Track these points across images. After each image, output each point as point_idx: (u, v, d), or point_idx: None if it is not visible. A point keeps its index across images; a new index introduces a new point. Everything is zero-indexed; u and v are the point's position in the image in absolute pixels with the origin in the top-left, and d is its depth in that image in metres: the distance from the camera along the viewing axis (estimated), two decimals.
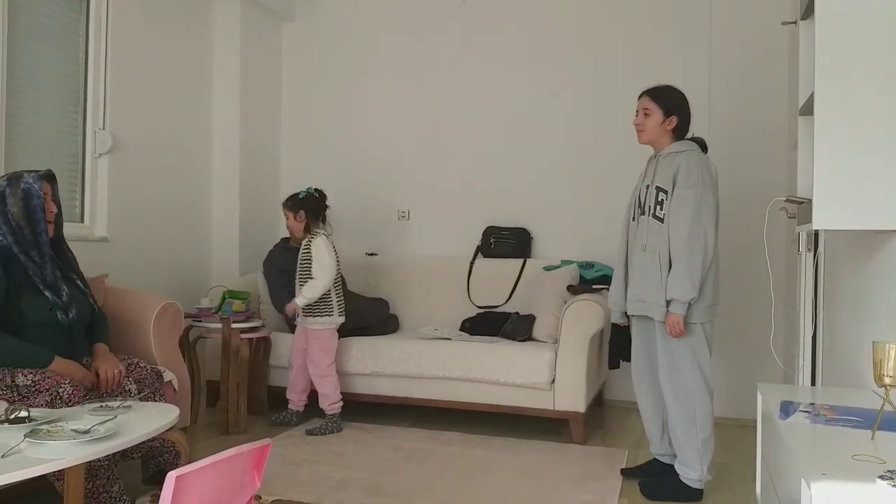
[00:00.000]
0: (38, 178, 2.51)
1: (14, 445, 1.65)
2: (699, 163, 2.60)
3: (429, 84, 4.70)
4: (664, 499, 2.69)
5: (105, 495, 2.23)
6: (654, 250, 2.64)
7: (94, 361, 2.49)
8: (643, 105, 2.74)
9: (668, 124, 2.71)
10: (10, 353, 2.30)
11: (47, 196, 2.52)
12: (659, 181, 2.66)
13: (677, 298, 2.53)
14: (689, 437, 2.66)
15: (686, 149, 2.67)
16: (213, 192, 4.59)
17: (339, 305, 3.65)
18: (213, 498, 1.52)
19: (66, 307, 2.48)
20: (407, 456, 3.19)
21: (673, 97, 2.73)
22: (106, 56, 3.77)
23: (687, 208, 2.54)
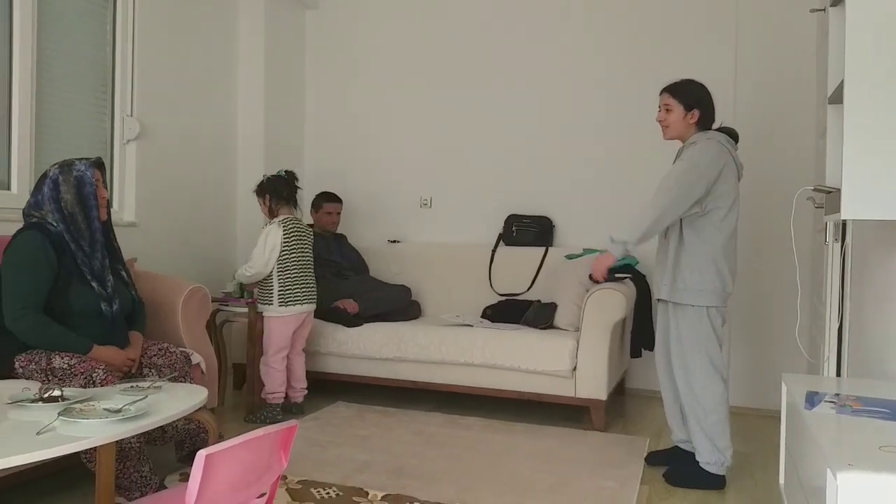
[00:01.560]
0: (89, 165, 2.53)
1: (48, 423, 1.69)
2: (703, 148, 2.64)
3: (452, 71, 4.69)
4: (687, 485, 2.70)
5: (136, 475, 2.29)
6: (665, 235, 2.78)
7: (129, 348, 2.55)
8: (664, 101, 2.76)
9: (691, 118, 2.72)
10: (53, 339, 2.35)
11: (99, 182, 2.54)
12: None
13: (616, 239, 2.62)
14: (699, 422, 2.68)
15: (703, 139, 2.68)
16: (238, 178, 4.64)
17: (283, 296, 3.47)
18: (242, 477, 1.56)
19: (111, 299, 2.52)
20: (428, 440, 3.23)
21: (693, 91, 2.73)
22: (133, 44, 3.81)
23: (670, 178, 2.62)
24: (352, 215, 4.86)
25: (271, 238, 3.45)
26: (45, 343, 2.35)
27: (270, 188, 3.55)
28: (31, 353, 2.37)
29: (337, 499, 2.45)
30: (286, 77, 4.86)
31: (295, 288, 3.51)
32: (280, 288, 3.48)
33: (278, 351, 3.50)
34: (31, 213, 2.49)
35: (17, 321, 2.32)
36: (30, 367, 2.35)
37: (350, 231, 4.73)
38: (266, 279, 3.49)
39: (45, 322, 2.34)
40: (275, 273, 3.48)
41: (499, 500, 2.49)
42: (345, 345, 3.85)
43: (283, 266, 3.48)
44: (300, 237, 3.55)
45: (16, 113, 3.17)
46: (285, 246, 3.47)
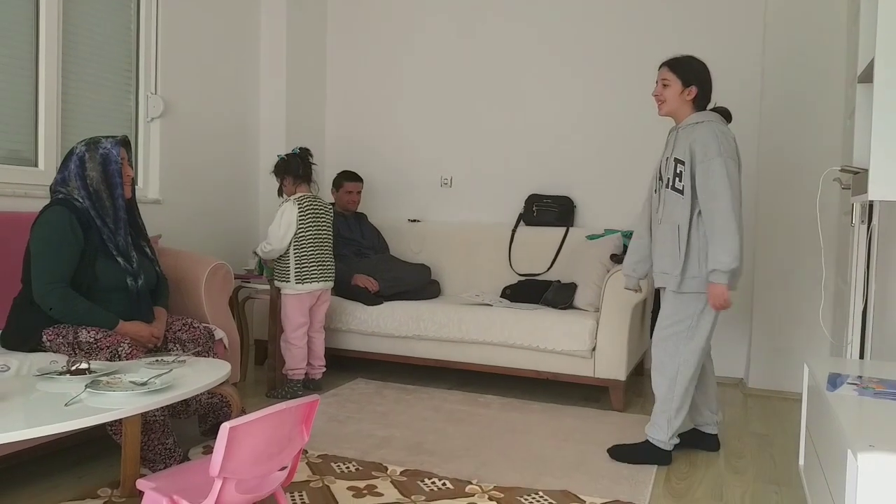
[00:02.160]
0: (115, 143, 2.55)
1: (75, 395, 1.73)
2: (719, 133, 2.55)
3: (473, 52, 4.65)
4: (634, 461, 2.72)
5: (160, 447, 2.34)
6: (673, 223, 2.62)
7: (154, 323, 2.60)
8: (662, 76, 2.69)
9: (688, 94, 2.65)
10: (81, 314, 2.39)
11: (125, 161, 2.57)
12: (678, 153, 2.62)
13: (719, 269, 2.48)
14: (666, 402, 2.69)
15: (705, 119, 2.61)
16: (260, 155, 4.66)
17: (299, 274, 3.49)
18: (264, 450, 1.59)
19: (136, 274, 2.55)
20: (447, 417, 3.25)
21: (692, 67, 2.67)
22: (157, 22, 3.83)
23: (717, 178, 2.49)
24: (372, 194, 4.87)
25: (286, 215, 3.48)
26: (73, 317, 2.39)
27: (286, 168, 3.56)
28: (57, 327, 2.41)
29: (356, 473, 2.49)
30: (308, 55, 4.86)
31: (311, 265, 3.53)
32: (297, 265, 3.50)
33: (297, 328, 3.54)
34: (58, 190, 2.52)
35: (45, 296, 2.36)
36: (57, 340, 2.39)
37: (371, 210, 4.75)
38: (283, 256, 3.52)
39: (72, 297, 2.39)
40: (291, 250, 3.50)
41: (517, 477, 2.51)
42: (365, 322, 3.88)
43: (300, 243, 3.51)
44: (317, 215, 3.56)
45: (42, 90, 3.21)
46: (301, 223, 3.49)
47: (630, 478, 2.56)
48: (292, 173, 3.55)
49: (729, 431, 3.20)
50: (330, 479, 2.42)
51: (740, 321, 4.12)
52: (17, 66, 3.12)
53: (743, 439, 3.10)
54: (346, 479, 2.44)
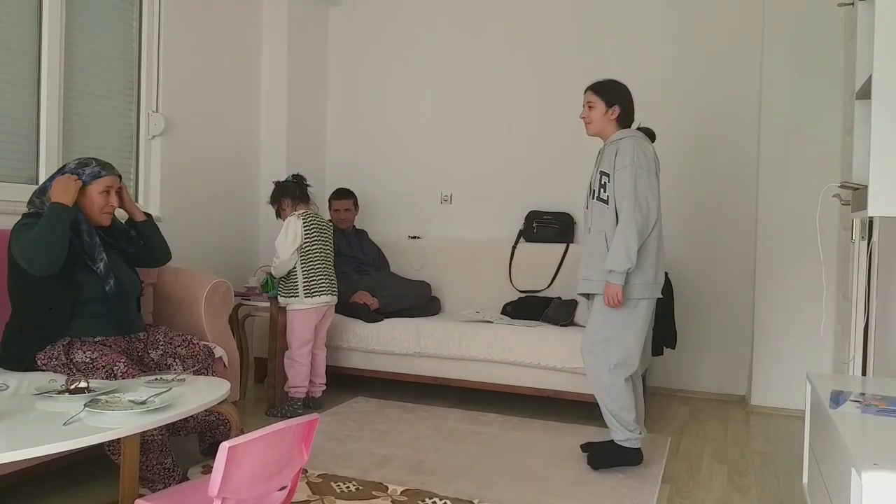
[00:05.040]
0: (104, 168, 2.56)
1: (75, 414, 1.71)
2: (635, 145, 2.71)
3: (473, 67, 4.68)
4: (609, 465, 2.80)
5: (159, 466, 2.32)
6: (599, 231, 2.78)
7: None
8: (587, 99, 2.87)
9: (612, 114, 2.83)
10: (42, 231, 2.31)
11: (111, 189, 2.56)
12: (603, 166, 2.79)
13: (614, 269, 2.64)
14: (606, 406, 2.78)
15: (627, 135, 2.78)
16: (261, 173, 4.67)
17: (308, 287, 3.50)
18: (263, 469, 1.57)
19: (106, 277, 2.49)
20: (448, 435, 3.23)
21: (614, 89, 2.85)
22: (158, 41, 3.86)
23: (624, 187, 2.67)
24: (373, 211, 4.87)
25: (291, 227, 3.50)
26: (39, 236, 2.31)
27: (282, 191, 3.62)
28: (50, 349, 2.40)
29: (357, 493, 2.47)
30: (308, 73, 4.89)
31: (320, 279, 3.54)
32: (304, 279, 3.51)
33: (303, 344, 3.53)
34: (33, 199, 2.53)
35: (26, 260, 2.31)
36: (51, 362, 2.38)
37: (371, 227, 4.75)
38: (290, 272, 3.52)
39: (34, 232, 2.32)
40: (298, 265, 3.51)
41: (519, 497, 2.49)
42: (365, 340, 3.87)
43: (306, 258, 3.52)
44: (320, 230, 3.58)
45: (44, 108, 3.22)
46: (306, 237, 3.50)
47: (633, 497, 2.53)
48: (289, 195, 3.60)
49: (732, 449, 3.18)
50: (330, 499, 2.40)
51: (741, 338, 4.11)
52: (19, 85, 3.13)
53: (746, 457, 3.08)
54: (347, 498, 2.42)
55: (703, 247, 4.21)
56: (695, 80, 4.21)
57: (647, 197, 2.68)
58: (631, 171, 2.67)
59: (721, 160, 4.17)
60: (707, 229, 4.20)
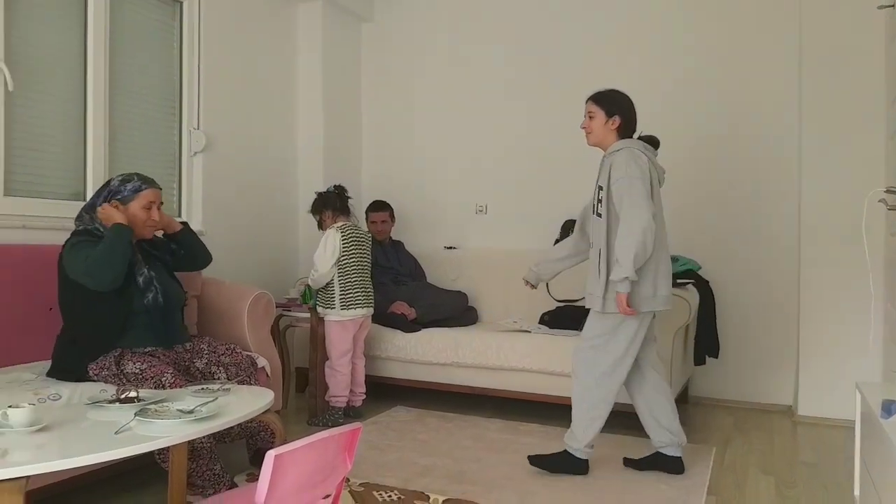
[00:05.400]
0: (146, 182, 2.65)
1: (125, 423, 1.76)
2: (629, 158, 2.70)
3: (508, 79, 4.69)
4: (552, 469, 2.83)
5: (209, 473, 2.37)
6: (596, 246, 2.80)
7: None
8: (588, 109, 2.87)
9: (612, 124, 2.82)
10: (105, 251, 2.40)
11: (153, 205, 2.63)
12: (600, 180, 2.81)
13: (614, 279, 2.65)
14: (580, 409, 2.80)
15: (624, 147, 2.76)
16: (299, 187, 4.75)
17: (344, 300, 3.54)
18: (308, 477, 1.59)
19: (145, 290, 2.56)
20: (488, 445, 3.22)
21: (615, 99, 2.85)
22: (199, 60, 3.96)
23: (622, 199, 2.67)
24: (409, 222, 4.91)
25: (330, 241, 3.54)
26: (102, 256, 2.39)
27: (324, 203, 3.66)
28: (101, 360, 2.47)
29: (399, 502, 2.48)
30: (343, 88, 4.96)
31: (356, 291, 3.57)
32: (342, 292, 3.55)
33: (342, 354, 3.57)
34: (82, 214, 2.62)
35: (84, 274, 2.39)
36: (102, 373, 2.45)
37: (407, 238, 4.78)
38: (328, 284, 3.56)
39: (96, 252, 2.40)
40: (336, 277, 3.55)
41: None
42: (403, 350, 3.89)
43: (344, 270, 3.55)
44: (359, 242, 3.62)
45: (90, 127, 3.33)
46: (344, 250, 3.54)
47: None
48: (330, 207, 3.64)
49: (779, 460, 3.11)
50: None
51: (787, 347, 4.02)
52: (66, 105, 3.25)
53: (794, 468, 3.01)
54: None
55: (747, 254, 4.14)
56: (732, 85, 4.16)
57: (646, 203, 2.63)
58: (626, 182, 2.66)
59: (762, 167, 4.10)
60: (749, 236, 4.13)
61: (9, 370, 2.55)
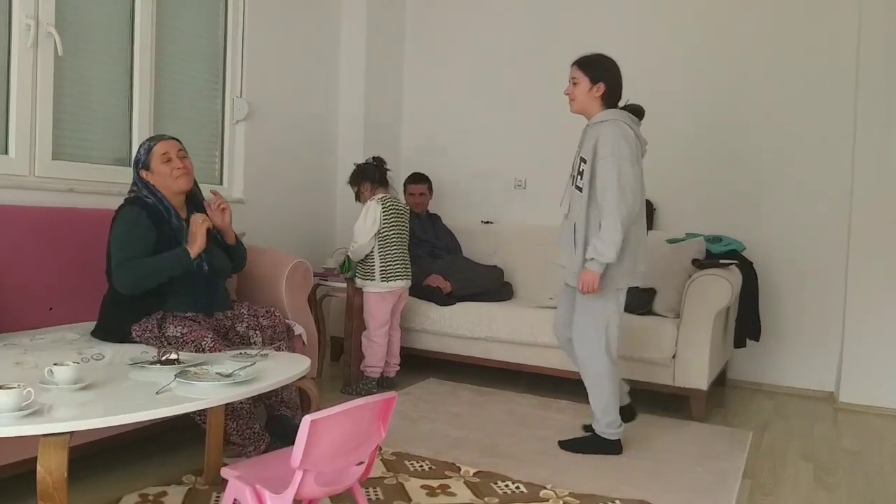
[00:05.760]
0: (159, 138, 2.67)
1: (166, 384, 1.80)
2: (617, 132, 2.63)
3: (547, 52, 4.60)
4: (588, 451, 2.78)
5: (248, 432, 2.42)
6: (572, 219, 2.75)
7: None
8: (572, 74, 2.78)
9: (597, 91, 2.73)
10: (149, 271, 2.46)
11: (170, 153, 2.61)
12: (583, 151, 2.74)
13: (597, 258, 2.60)
14: (597, 395, 2.77)
15: (610, 118, 2.68)
16: (339, 157, 4.75)
17: (384, 271, 3.54)
18: (343, 443, 1.61)
19: (202, 261, 2.60)
20: (520, 420, 3.22)
21: (600, 64, 2.75)
22: (243, 28, 3.96)
23: (606, 176, 2.61)
24: (446, 196, 4.88)
25: (371, 213, 3.54)
26: (146, 276, 2.45)
27: (362, 174, 3.65)
28: (144, 322, 2.51)
29: (430, 472, 2.49)
30: (385, 60, 4.93)
31: (396, 263, 3.58)
32: (381, 263, 3.56)
33: (380, 326, 3.59)
34: (132, 188, 2.66)
35: (117, 275, 2.45)
36: (145, 335, 2.50)
37: (444, 212, 4.76)
38: (368, 255, 3.57)
39: (139, 262, 2.45)
40: (376, 249, 3.56)
41: (593, 485, 2.46)
42: (438, 323, 3.89)
43: (384, 242, 3.56)
44: (398, 214, 3.62)
45: (136, 93, 3.36)
46: (385, 222, 3.54)
47: (712, 491, 2.46)
48: (369, 178, 3.63)
49: (818, 447, 3.05)
50: (404, 477, 2.44)
51: (831, 333, 3.92)
52: (113, 72, 3.28)
53: (834, 456, 2.94)
54: (420, 477, 2.44)
55: (792, 232, 4.01)
56: (787, 69, 4.01)
57: (633, 188, 2.61)
58: (613, 162, 2.59)
59: (813, 149, 3.97)
60: (796, 212, 4.01)
61: (54, 329, 2.62)
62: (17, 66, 2.84)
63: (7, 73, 2.84)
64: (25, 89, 2.87)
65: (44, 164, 2.96)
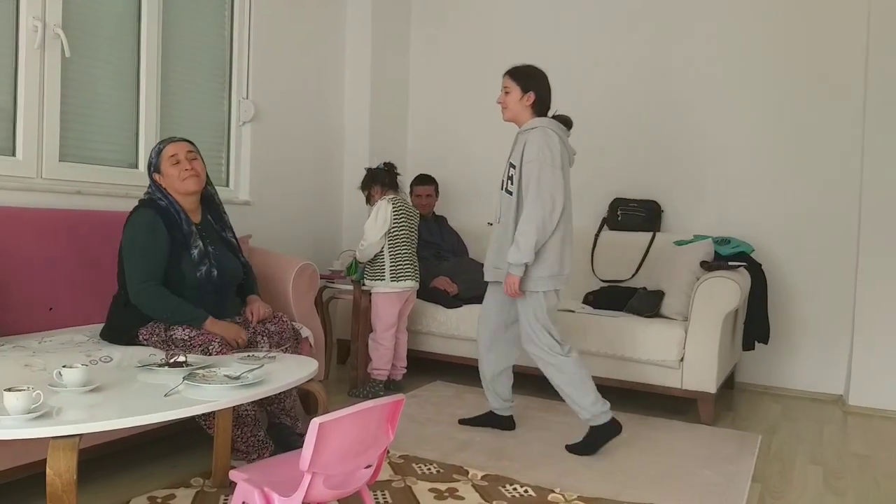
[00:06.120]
0: (168, 140, 2.66)
1: (174, 387, 1.79)
2: (542, 138, 2.73)
3: (553, 52, 4.59)
4: (593, 448, 2.81)
5: (253, 439, 2.40)
6: (505, 223, 2.83)
7: (249, 306, 2.70)
8: (504, 84, 2.88)
9: (527, 100, 2.83)
10: (172, 309, 2.46)
11: (179, 155, 2.60)
12: (513, 157, 2.83)
13: (512, 262, 2.71)
14: (568, 385, 2.79)
15: (538, 125, 2.78)
16: (345, 160, 4.76)
17: (394, 271, 3.54)
18: (351, 446, 1.60)
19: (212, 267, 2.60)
20: (527, 423, 3.21)
21: (530, 74, 2.86)
22: (249, 30, 3.97)
23: (529, 182, 2.71)
24: (452, 198, 4.88)
25: (381, 213, 3.55)
26: (165, 312, 2.47)
27: (373, 178, 3.66)
28: (151, 325, 2.50)
29: (438, 475, 2.49)
30: (391, 63, 4.93)
31: (405, 264, 3.58)
32: (391, 263, 3.55)
33: (387, 328, 3.58)
34: (147, 190, 2.65)
35: (139, 294, 2.46)
36: (152, 338, 2.49)
37: (450, 214, 4.76)
38: (377, 255, 3.57)
39: (163, 295, 2.46)
40: (385, 249, 3.56)
41: (600, 488, 2.44)
42: (444, 325, 3.89)
43: (394, 241, 3.56)
44: (408, 215, 3.62)
45: (143, 95, 3.37)
46: (395, 222, 3.55)
47: (720, 494, 2.45)
48: (379, 182, 3.64)
49: (827, 450, 3.03)
50: (412, 480, 2.43)
51: (841, 335, 3.89)
52: (120, 73, 3.29)
53: (843, 459, 2.92)
54: (428, 480, 2.44)
55: (800, 234, 3.99)
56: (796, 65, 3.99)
57: (553, 192, 2.70)
58: (536, 167, 2.69)
59: (821, 145, 3.95)
60: (804, 215, 3.99)
61: (62, 332, 2.62)
62: (25, 68, 2.85)
63: (14, 75, 2.85)
64: (33, 91, 2.88)
65: (51, 165, 2.97)
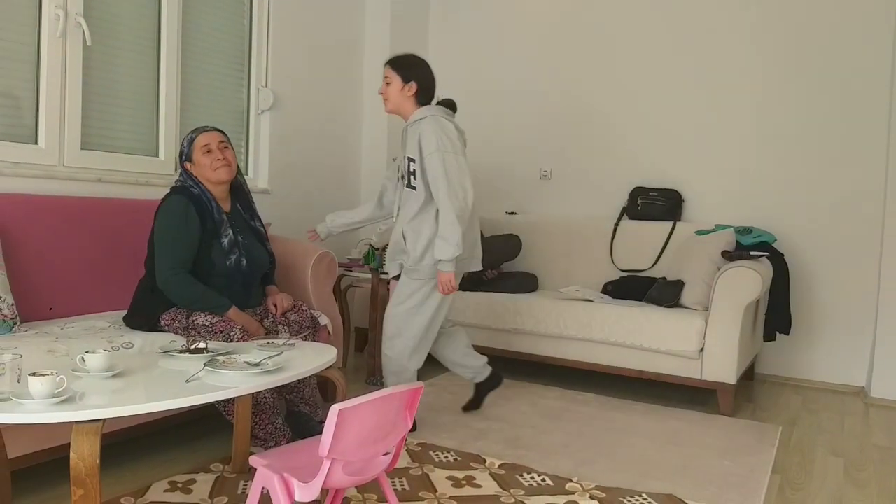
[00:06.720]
0: (201, 129, 2.68)
1: (195, 373, 1.81)
2: (437, 128, 2.70)
3: (573, 38, 4.56)
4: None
5: (271, 426, 2.42)
6: (406, 216, 2.80)
7: (270, 297, 2.72)
8: (385, 74, 2.85)
9: (409, 90, 2.80)
10: (195, 298, 2.48)
11: (211, 145, 2.62)
12: (409, 151, 2.78)
13: (444, 258, 2.67)
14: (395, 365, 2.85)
15: (427, 114, 2.75)
16: (363, 148, 4.75)
17: None
18: (370, 433, 1.61)
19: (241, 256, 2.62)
20: (544, 413, 3.21)
21: (411, 64, 2.83)
22: (268, 18, 3.97)
23: (435, 173, 2.67)
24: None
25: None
26: (190, 300, 2.49)
27: None
28: (173, 311, 2.52)
29: (455, 463, 2.49)
30: (410, 49, 4.89)
31: None
32: None
33: None
34: (179, 178, 2.66)
35: (167, 282, 2.47)
36: (174, 324, 2.51)
37: None
38: None
39: (191, 282, 2.48)
40: None
41: (618, 478, 2.44)
42: (462, 314, 3.88)
43: None
44: None
45: (163, 83, 3.38)
46: None
47: (740, 485, 2.43)
48: None
49: (849, 442, 2.99)
50: (429, 468, 2.44)
51: (863, 326, 3.84)
52: (140, 62, 3.30)
53: (865, 451, 2.89)
54: (445, 468, 2.44)
55: (824, 223, 3.94)
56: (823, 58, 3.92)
57: (461, 180, 2.69)
58: (439, 157, 2.66)
59: (846, 135, 3.88)
60: (828, 204, 3.93)
61: (84, 318, 2.65)
62: (47, 57, 2.87)
63: (37, 64, 2.87)
64: (55, 79, 2.90)
65: (73, 153, 3.00)
